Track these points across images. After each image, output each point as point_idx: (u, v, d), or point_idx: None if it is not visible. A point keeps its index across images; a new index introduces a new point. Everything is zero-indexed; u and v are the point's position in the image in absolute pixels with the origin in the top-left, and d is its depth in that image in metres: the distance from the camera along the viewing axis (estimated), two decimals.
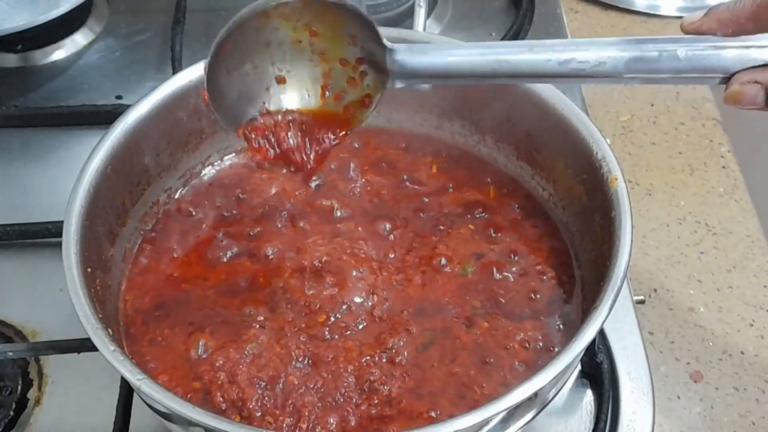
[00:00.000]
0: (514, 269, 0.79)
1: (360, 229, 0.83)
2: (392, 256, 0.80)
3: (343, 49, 0.69)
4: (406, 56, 0.67)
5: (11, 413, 0.80)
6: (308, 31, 0.69)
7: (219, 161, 0.89)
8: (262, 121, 0.71)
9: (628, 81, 0.66)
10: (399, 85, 0.69)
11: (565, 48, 0.66)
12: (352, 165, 0.88)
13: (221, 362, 0.71)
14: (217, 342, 0.74)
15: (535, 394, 0.60)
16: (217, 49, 0.66)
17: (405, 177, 0.88)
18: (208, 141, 0.87)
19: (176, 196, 0.86)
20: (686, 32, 0.65)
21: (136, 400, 0.77)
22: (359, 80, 0.70)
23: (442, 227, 0.83)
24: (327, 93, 0.71)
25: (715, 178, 1.06)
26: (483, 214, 0.84)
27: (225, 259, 0.81)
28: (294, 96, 0.71)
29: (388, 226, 0.83)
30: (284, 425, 0.68)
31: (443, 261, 0.80)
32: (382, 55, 0.67)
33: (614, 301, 0.64)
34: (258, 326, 0.74)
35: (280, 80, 0.71)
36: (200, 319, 0.76)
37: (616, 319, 0.83)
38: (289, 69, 0.70)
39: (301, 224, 0.83)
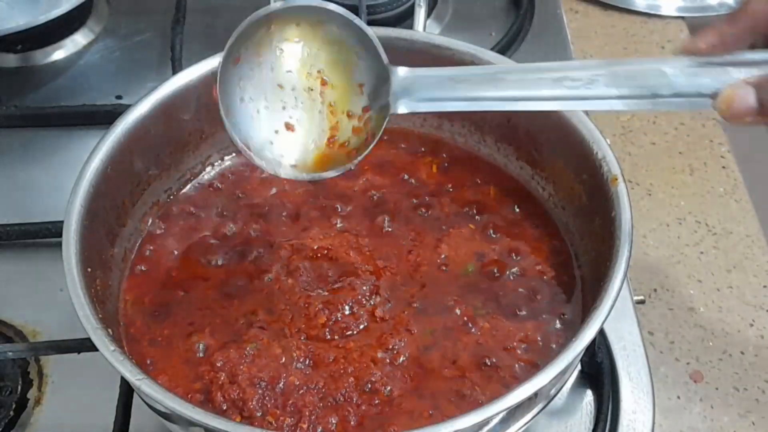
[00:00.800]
0: (514, 269, 0.79)
1: (361, 228, 0.83)
2: (393, 255, 0.80)
3: (351, 100, 0.71)
4: (407, 81, 0.69)
5: (11, 413, 0.80)
6: (320, 79, 0.71)
7: (219, 161, 0.89)
8: None
9: (621, 104, 0.66)
10: (402, 111, 0.70)
11: (560, 67, 0.68)
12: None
13: (221, 362, 0.71)
14: (217, 342, 0.74)
15: (535, 394, 0.60)
16: (230, 51, 0.68)
17: (405, 176, 0.88)
18: (208, 141, 0.87)
19: (176, 196, 0.86)
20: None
21: (136, 400, 0.77)
22: (364, 127, 0.71)
23: (443, 227, 0.83)
24: (332, 142, 0.72)
25: (715, 178, 1.06)
26: (483, 214, 0.84)
27: (225, 260, 0.81)
28: (300, 143, 0.72)
29: (388, 224, 0.83)
30: (285, 425, 0.67)
31: (444, 261, 0.80)
32: (386, 80, 0.69)
33: (614, 301, 0.64)
34: (258, 326, 0.74)
35: (289, 127, 0.72)
36: (200, 320, 0.76)
37: (616, 319, 0.83)
38: (299, 118, 0.72)
39: (302, 224, 0.83)
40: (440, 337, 0.74)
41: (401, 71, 0.69)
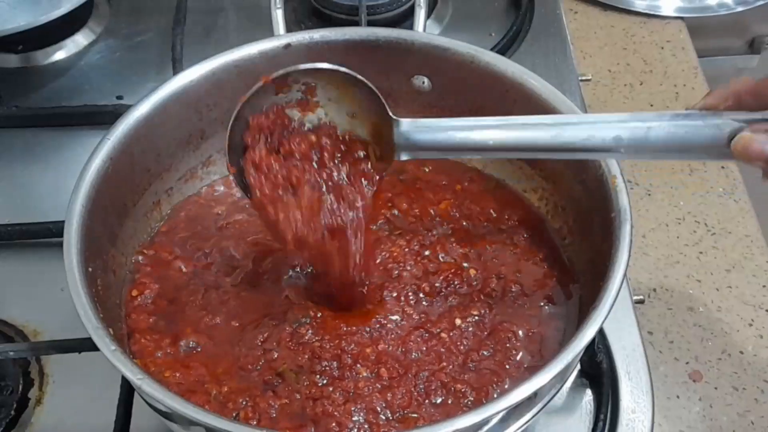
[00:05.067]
0: (514, 269, 0.79)
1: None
2: (395, 252, 0.80)
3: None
4: (411, 131, 0.71)
5: (12, 413, 0.80)
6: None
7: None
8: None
9: (623, 156, 0.68)
10: (404, 157, 0.72)
11: (555, 122, 0.69)
12: None
13: None
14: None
15: (535, 394, 0.61)
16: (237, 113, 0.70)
17: (401, 177, 0.88)
18: (208, 141, 0.87)
19: (178, 196, 0.86)
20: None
21: (136, 400, 0.77)
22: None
23: (441, 227, 0.83)
24: None
25: (714, 178, 1.06)
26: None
27: (227, 258, 0.81)
28: None
29: (373, 226, 0.83)
30: None
31: (441, 258, 0.80)
32: (389, 129, 0.71)
33: (614, 301, 0.65)
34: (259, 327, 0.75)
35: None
36: (202, 320, 0.76)
37: (615, 318, 0.83)
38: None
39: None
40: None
41: (405, 121, 0.71)
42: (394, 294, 0.77)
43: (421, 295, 0.77)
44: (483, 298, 0.77)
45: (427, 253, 0.80)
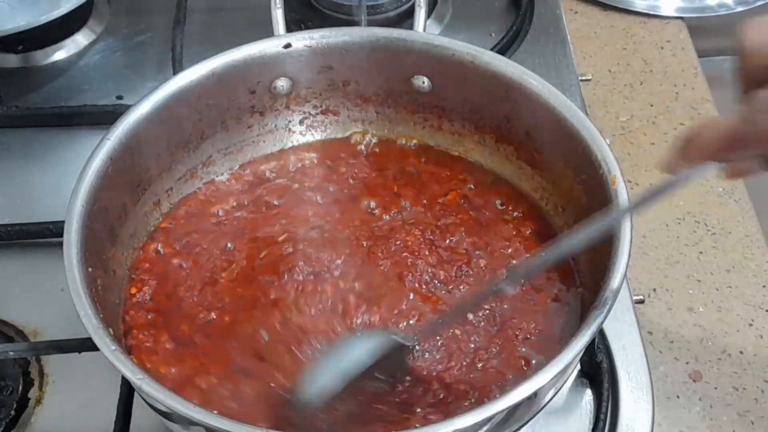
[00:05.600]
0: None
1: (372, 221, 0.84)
2: (409, 241, 0.81)
3: None
4: None
5: (12, 413, 0.80)
6: None
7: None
8: None
9: None
10: None
11: None
12: None
13: None
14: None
15: (535, 394, 0.61)
16: None
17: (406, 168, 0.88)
18: (208, 141, 0.87)
19: (177, 195, 0.86)
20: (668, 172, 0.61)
21: (137, 400, 0.77)
22: None
23: (450, 217, 0.83)
24: None
25: (714, 178, 1.06)
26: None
27: (224, 254, 0.81)
28: None
29: (386, 217, 0.83)
30: None
31: (453, 247, 0.80)
32: None
33: (614, 301, 0.65)
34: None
35: None
36: (198, 317, 0.76)
37: (615, 318, 0.84)
38: None
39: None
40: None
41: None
42: (415, 285, 0.77)
43: (438, 283, 0.77)
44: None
45: (440, 242, 0.81)
